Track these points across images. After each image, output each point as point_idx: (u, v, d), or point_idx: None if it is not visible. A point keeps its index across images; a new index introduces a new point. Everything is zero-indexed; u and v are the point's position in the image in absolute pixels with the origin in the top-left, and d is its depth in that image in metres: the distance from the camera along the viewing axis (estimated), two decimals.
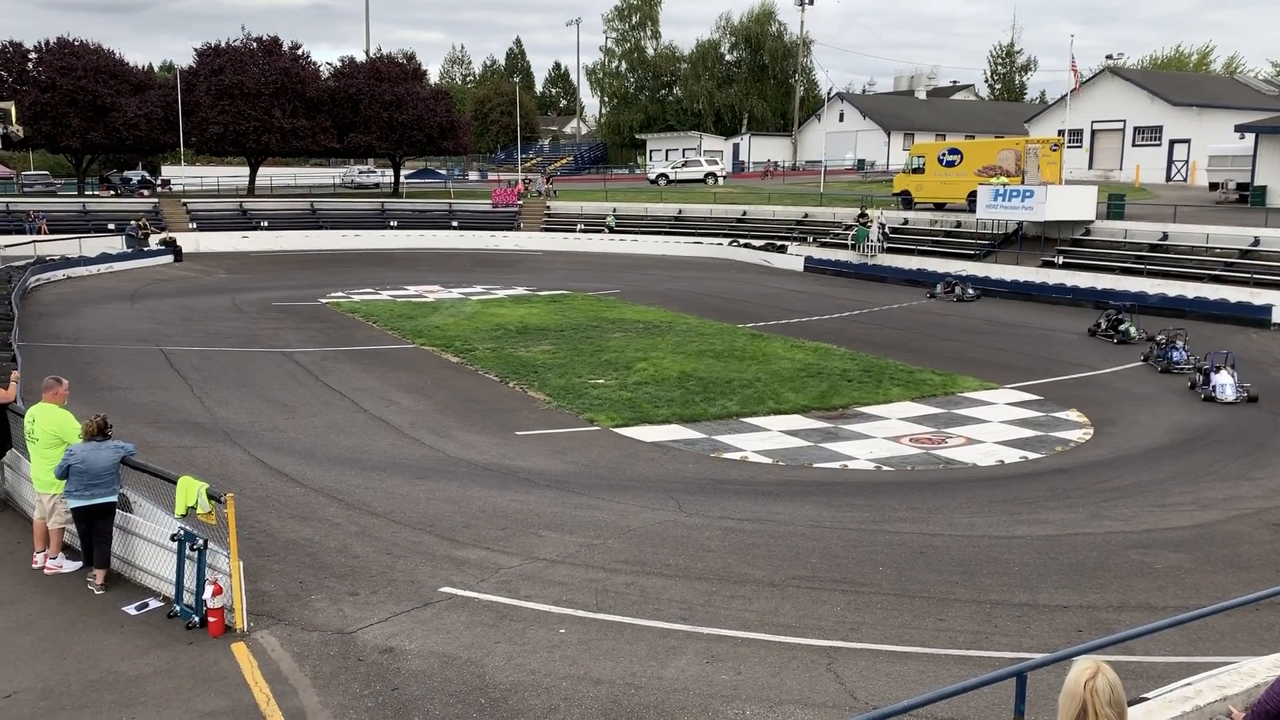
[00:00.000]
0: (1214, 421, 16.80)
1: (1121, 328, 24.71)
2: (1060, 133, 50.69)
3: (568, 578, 9.61)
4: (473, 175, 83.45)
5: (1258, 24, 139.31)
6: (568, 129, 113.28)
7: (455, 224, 52.55)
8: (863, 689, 7.54)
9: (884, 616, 8.85)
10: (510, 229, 52.35)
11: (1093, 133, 59.11)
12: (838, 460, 14.52)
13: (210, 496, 8.53)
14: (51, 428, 9.56)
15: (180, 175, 65.50)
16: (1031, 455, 14.89)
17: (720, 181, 65.30)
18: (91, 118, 52.03)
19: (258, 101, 51.96)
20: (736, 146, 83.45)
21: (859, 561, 10.23)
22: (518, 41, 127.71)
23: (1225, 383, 18.41)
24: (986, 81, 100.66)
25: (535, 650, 8.04)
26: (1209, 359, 19.20)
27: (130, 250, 42.48)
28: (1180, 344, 21.36)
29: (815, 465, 14.30)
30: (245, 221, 50.84)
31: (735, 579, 9.67)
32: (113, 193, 57.45)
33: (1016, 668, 4.80)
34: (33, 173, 68.07)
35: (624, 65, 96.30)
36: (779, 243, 44.67)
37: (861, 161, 73.14)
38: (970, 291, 32.74)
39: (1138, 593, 9.47)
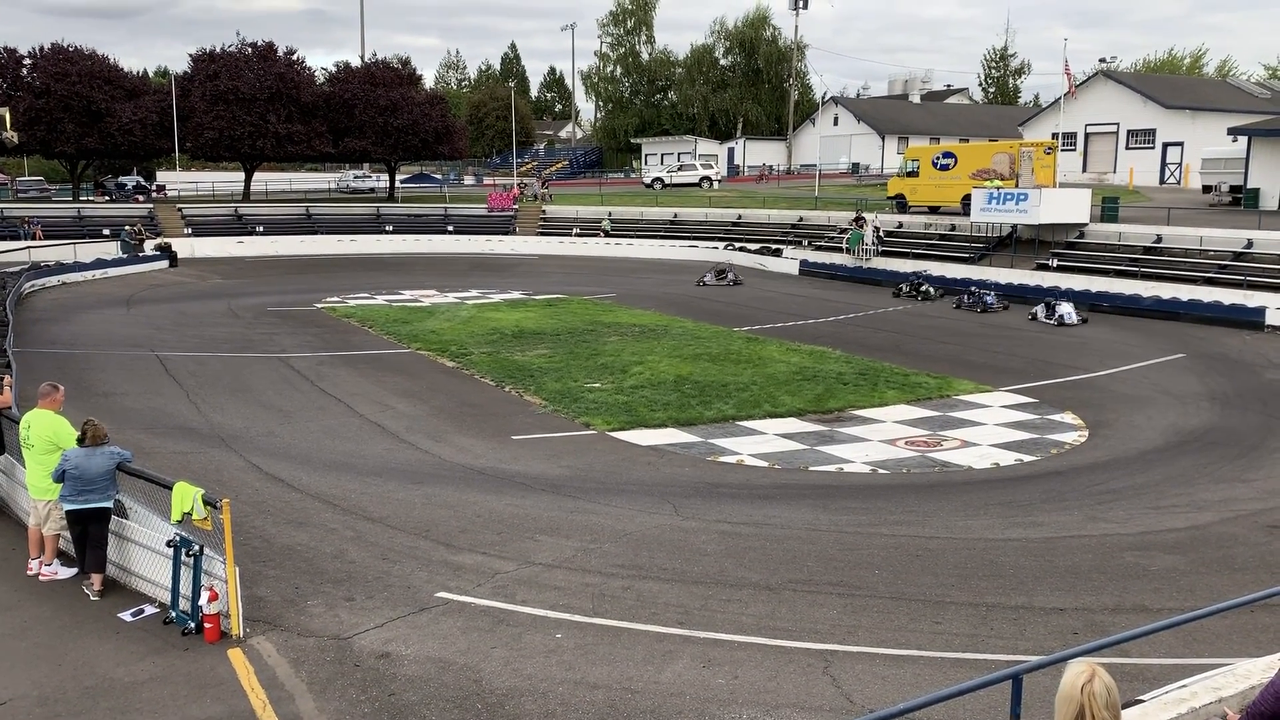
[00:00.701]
0: (1209, 423, 16.84)
1: (922, 289, 33.29)
2: (1054, 136, 50.83)
3: (564, 582, 9.61)
4: (468, 180, 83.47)
5: (1250, 27, 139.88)
6: (563, 133, 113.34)
7: (451, 228, 52.54)
8: (859, 692, 7.55)
9: (880, 620, 8.86)
10: (506, 233, 52.35)
11: (1086, 136, 59.28)
12: (833, 463, 14.54)
13: (206, 502, 8.52)
14: (47, 434, 9.55)
15: (175, 181, 65.41)
16: (1026, 458, 14.91)
17: (715, 185, 65.36)
18: (86, 123, 51.96)
19: (253, 107, 51.92)
20: (731, 150, 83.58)
21: (855, 565, 10.25)
22: (513, 46, 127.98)
23: (1068, 310, 27.56)
24: (980, 85, 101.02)
25: (532, 655, 8.04)
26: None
27: (125, 256, 42.40)
28: (987, 293, 30.74)
29: (811, 468, 14.31)
30: (240, 227, 50.79)
31: (731, 583, 9.68)
32: (107, 198, 57.34)
33: (1012, 670, 4.81)
34: (27, 178, 68.01)
35: (619, 70, 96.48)
36: (774, 246, 44.71)
37: (856, 165, 73.27)
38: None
39: (1133, 595, 9.49)
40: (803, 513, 12.13)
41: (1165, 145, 55.95)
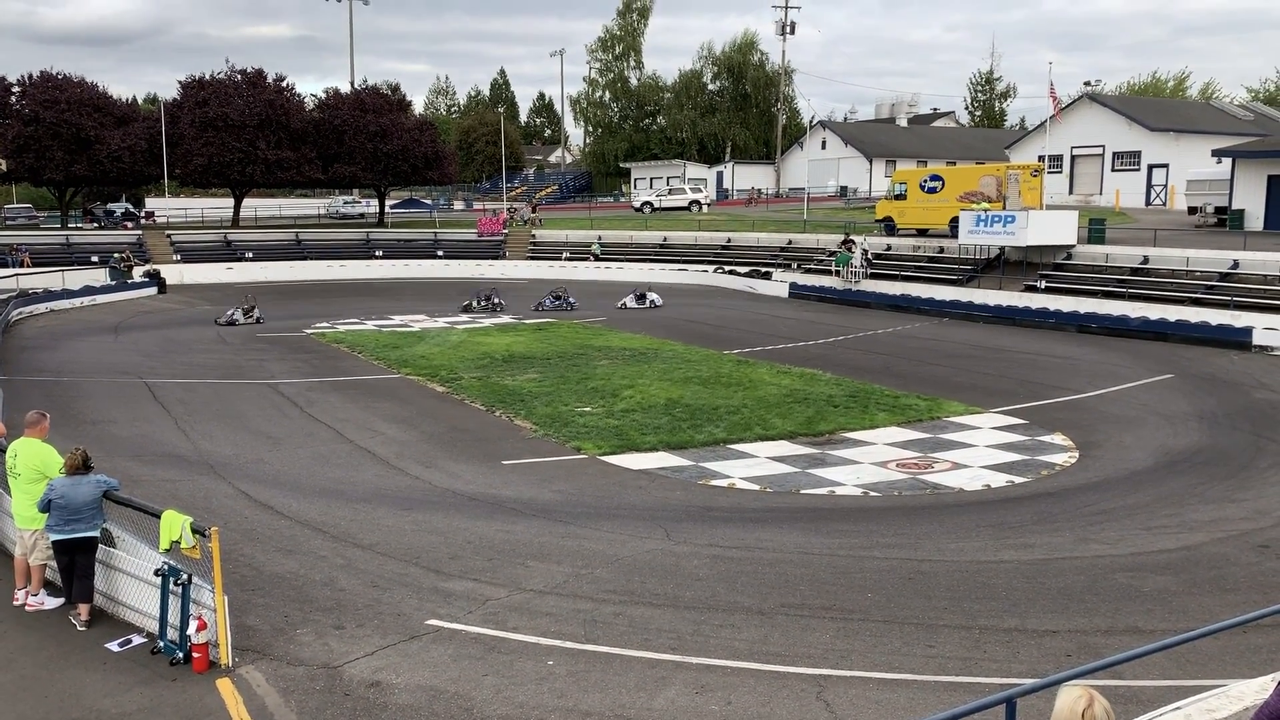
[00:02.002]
0: (1198, 444, 16.88)
1: (493, 301, 36.72)
2: (1040, 158, 51.20)
3: (555, 608, 9.55)
4: (458, 205, 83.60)
5: (1232, 51, 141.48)
6: (552, 158, 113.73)
7: (441, 253, 52.60)
8: (853, 717, 7.51)
9: (873, 644, 8.83)
10: (496, 258, 52.44)
11: (1072, 158, 59.72)
12: (825, 486, 14.52)
13: (194, 530, 8.46)
14: (34, 462, 9.48)
15: (164, 207, 65.38)
16: (1017, 479, 14.92)
17: (704, 209, 65.61)
18: (75, 150, 51.97)
19: (242, 133, 52.03)
20: (720, 174, 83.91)
21: (847, 588, 10.22)
22: (502, 72, 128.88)
23: (655, 297, 36.73)
24: (967, 108, 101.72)
25: (523, 683, 7.98)
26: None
27: (114, 283, 42.33)
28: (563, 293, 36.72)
29: (803, 491, 14.29)
30: (229, 253, 50.77)
31: (724, 607, 9.64)
32: (96, 225, 57.32)
33: (1006, 694, 4.79)
34: (16, 206, 67.81)
35: (608, 95, 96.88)
36: (764, 269, 44.86)
37: (844, 188, 73.62)
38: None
39: (1126, 616, 9.48)
40: (794, 536, 12.10)
41: (1150, 167, 56.40)
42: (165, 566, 8.62)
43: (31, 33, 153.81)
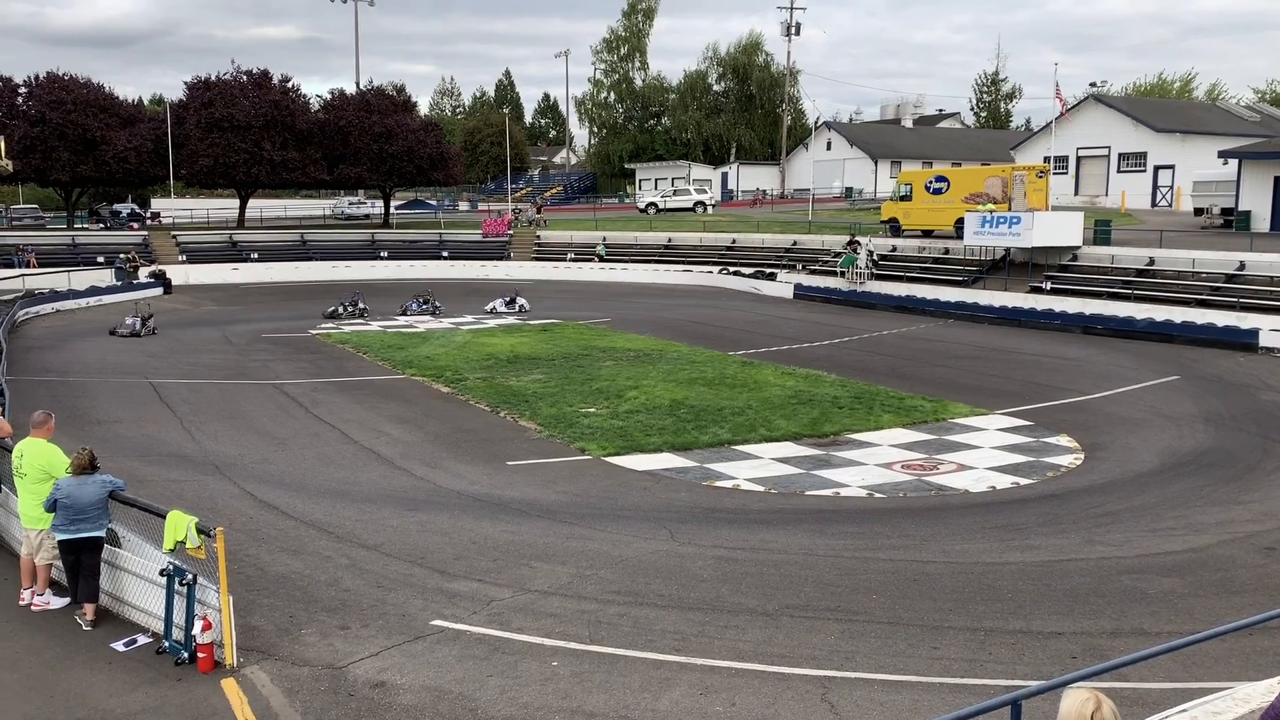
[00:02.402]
0: (1204, 445, 16.84)
1: (359, 306, 35.27)
2: (1046, 159, 51.14)
3: (560, 609, 9.55)
4: (463, 205, 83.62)
5: (1238, 51, 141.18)
6: (557, 159, 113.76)
7: (445, 254, 52.65)
8: (857, 719, 7.50)
9: (878, 645, 8.81)
10: (501, 259, 52.48)
11: (1078, 159, 59.63)
12: (830, 488, 14.51)
13: (199, 530, 8.47)
14: (40, 462, 9.50)
15: (170, 208, 65.49)
16: (1023, 481, 14.89)
17: (709, 210, 65.60)
18: (81, 151, 52.07)
19: (248, 134, 52.10)
20: (725, 175, 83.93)
21: (852, 590, 10.21)
22: (507, 73, 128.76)
23: (515, 304, 35.75)
24: (972, 109, 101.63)
25: (528, 683, 7.98)
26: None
27: (119, 283, 42.41)
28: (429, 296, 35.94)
29: (807, 493, 14.28)
30: (235, 253, 50.86)
31: (729, 609, 9.63)
32: (102, 226, 57.42)
33: (1012, 696, 4.79)
34: (22, 206, 68.03)
35: (613, 96, 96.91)
36: (768, 270, 44.84)
37: (849, 189, 73.59)
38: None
39: (1131, 618, 9.46)
40: (799, 537, 12.09)
41: (1156, 168, 56.31)
42: (170, 566, 8.63)
43: (38, 34, 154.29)
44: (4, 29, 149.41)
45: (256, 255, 50.16)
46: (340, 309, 35.19)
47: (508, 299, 36.74)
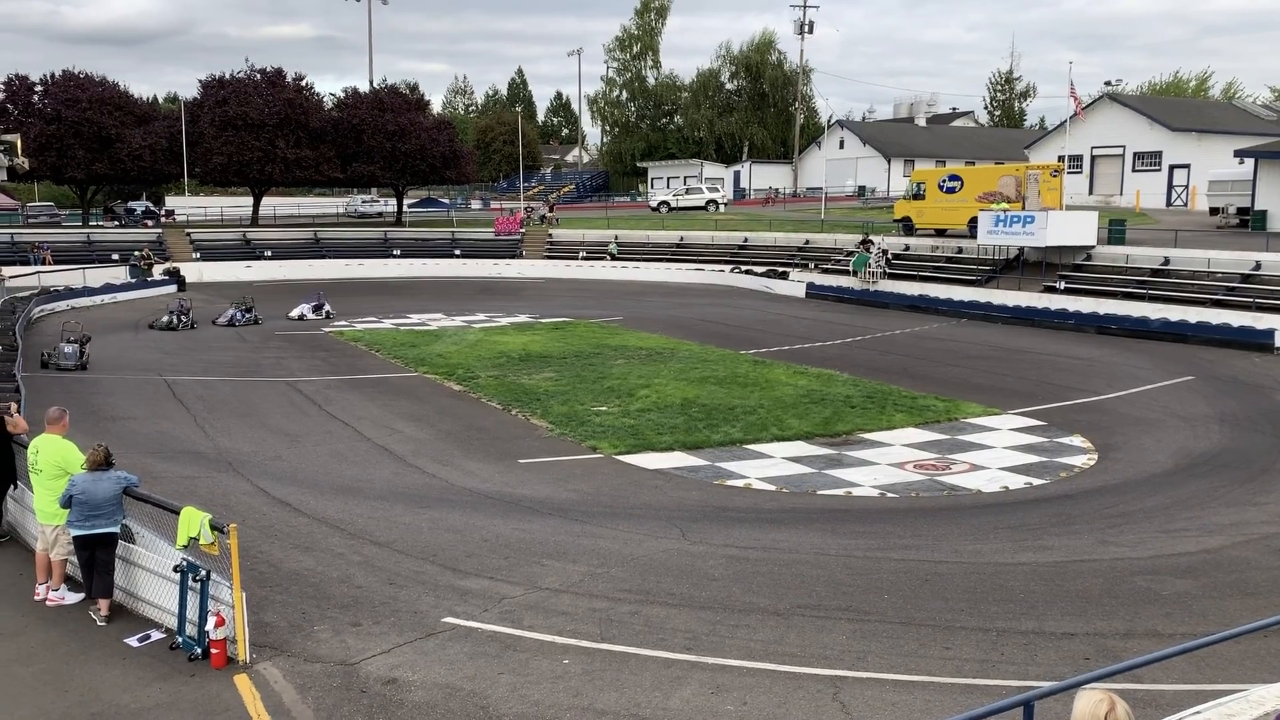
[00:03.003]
0: (1219, 446, 16.75)
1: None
2: (1060, 158, 50.94)
3: (571, 607, 9.56)
4: (475, 204, 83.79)
5: (1255, 50, 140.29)
6: (570, 157, 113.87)
7: (458, 252, 52.73)
8: (869, 719, 7.49)
9: (890, 645, 8.80)
10: (513, 257, 52.53)
11: (1093, 158, 59.35)
12: (842, 487, 14.48)
13: (213, 527, 8.51)
14: (55, 458, 9.56)
15: (184, 206, 65.78)
16: (1036, 481, 14.84)
17: (721, 209, 65.54)
18: (96, 149, 52.34)
19: (261, 132, 52.27)
20: (737, 174, 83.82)
21: (864, 589, 10.19)
22: (520, 71, 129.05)
23: (321, 310, 33.26)
24: (986, 108, 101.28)
25: (539, 681, 7.99)
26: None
27: (134, 280, 42.61)
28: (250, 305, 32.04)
29: (819, 492, 14.26)
30: (249, 251, 51.03)
31: (740, 608, 9.62)
32: (117, 223, 57.66)
33: (1024, 697, 4.78)
34: (38, 204, 68.36)
35: (625, 94, 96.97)
36: (780, 269, 44.77)
37: (862, 188, 73.44)
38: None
39: (1145, 620, 9.41)
40: (811, 537, 12.07)
41: (1172, 167, 55.99)
42: (184, 563, 8.67)
43: (55, 32, 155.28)
44: (21, 28, 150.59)
45: (270, 253, 50.34)
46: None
47: (314, 304, 34.19)
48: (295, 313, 33.86)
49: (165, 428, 17.75)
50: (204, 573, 8.53)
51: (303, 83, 55.86)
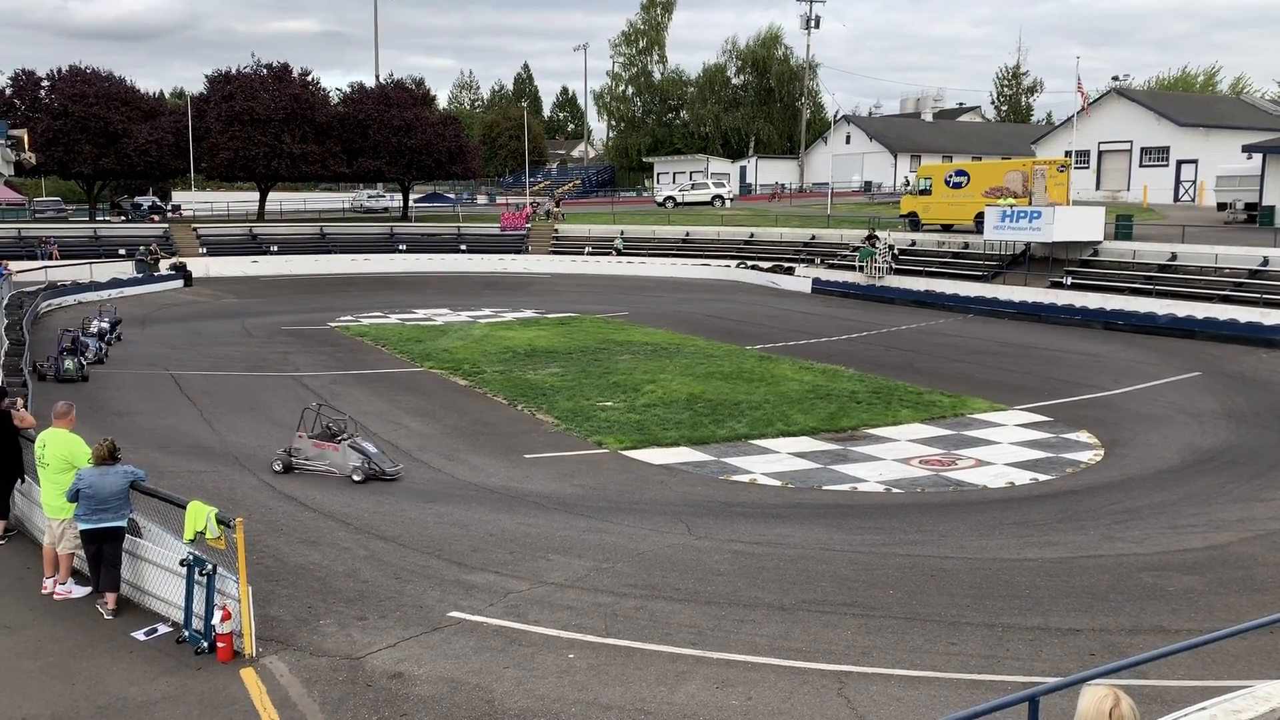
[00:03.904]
0: (1226, 442, 16.71)
1: (82, 355, 21.83)
2: (1067, 154, 50.70)
3: (577, 602, 9.57)
4: (481, 199, 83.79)
5: (1263, 45, 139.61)
6: (575, 153, 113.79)
7: (463, 247, 52.74)
8: (874, 714, 7.49)
9: (895, 640, 8.79)
10: (518, 252, 52.54)
11: (1099, 153, 59.18)
12: (847, 482, 14.47)
13: (219, 521, 8.53)
14: (62, 452, 9.59)
15: (190, 201, 65.85)
16: (1042, 477, 14.82)
17: (727, 204, 65.47)
18: (103, 144, 52.46)
19: (268, 127, 52.33)
20: (744, 169, 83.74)
21: (869, 585, 10.18)
22: (526, 67, 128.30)
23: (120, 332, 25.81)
24: (993, 103, 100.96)
25: (544, 675, 8.00)
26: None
27: (140, 275, 42.73)
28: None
29: (825, 487, 14.25)
30: (255, 246, 51.09)
31: (745, 603, 9.63)
32: (123, 218, 57.80)
33: (1029, 692, 4.76)
34: (45, 199, 68.58)
35: (631, 89, 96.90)
36: (786, 264, 44.72)
37: (869, 184, 73.30)
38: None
39: (1150, 616, 9.40)
40: (816, 532, 12.07)
41: (1179, 163, 55.81)
42: (190, 556, 8.69)
43: (62, 28, 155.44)
44: (29, 23, 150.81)
45: (276, 248, 50.40)
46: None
47: (111, 320, 27.16)
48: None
49: (172, 422, 17.79)
50: (210, 567, 8.55)
51: (309, 78, 55.93)
